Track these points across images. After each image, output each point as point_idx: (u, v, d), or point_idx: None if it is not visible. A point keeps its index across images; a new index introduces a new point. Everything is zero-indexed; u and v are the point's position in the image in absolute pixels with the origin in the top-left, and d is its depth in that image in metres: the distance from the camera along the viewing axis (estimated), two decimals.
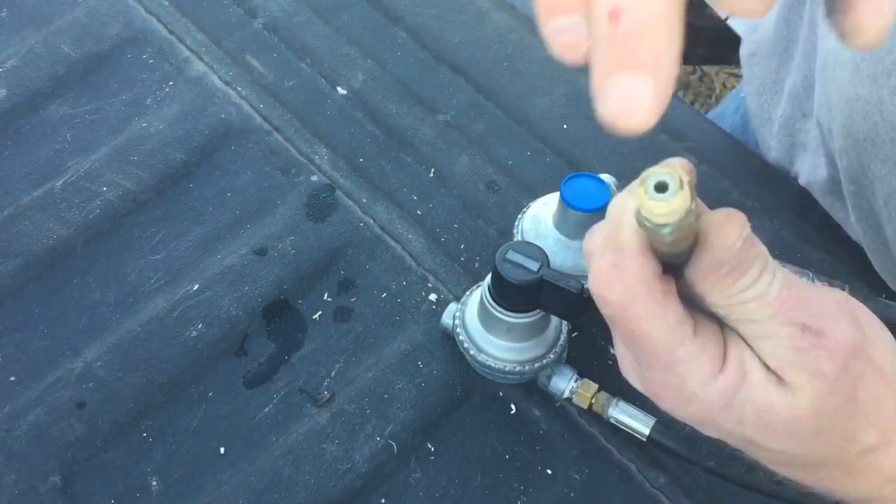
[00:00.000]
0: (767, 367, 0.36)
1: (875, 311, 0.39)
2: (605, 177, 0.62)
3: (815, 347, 0.35)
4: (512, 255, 0.54)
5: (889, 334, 0.38)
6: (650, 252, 0.35)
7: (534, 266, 0.53)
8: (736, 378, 0.36)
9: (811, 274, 0.54)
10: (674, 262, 0.36)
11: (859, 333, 0.36)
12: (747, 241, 0.34)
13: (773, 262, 0.35)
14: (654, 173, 0.32)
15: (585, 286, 0.50)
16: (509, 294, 0.55)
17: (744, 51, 0.78)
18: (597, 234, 0.37)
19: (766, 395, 0.36)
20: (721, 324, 0.37)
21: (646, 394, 0.40)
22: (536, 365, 0.58)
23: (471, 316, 0.59)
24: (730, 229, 0.34)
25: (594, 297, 0.36)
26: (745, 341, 0.37)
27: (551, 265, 0.54)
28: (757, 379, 0.36)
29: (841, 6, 0.32)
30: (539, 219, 0.63)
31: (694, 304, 0.37)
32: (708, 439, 0.40)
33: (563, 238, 0.61)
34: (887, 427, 0.38)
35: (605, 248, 0.36)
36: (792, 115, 0.71)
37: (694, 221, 0.34)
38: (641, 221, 0.33)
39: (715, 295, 0.35)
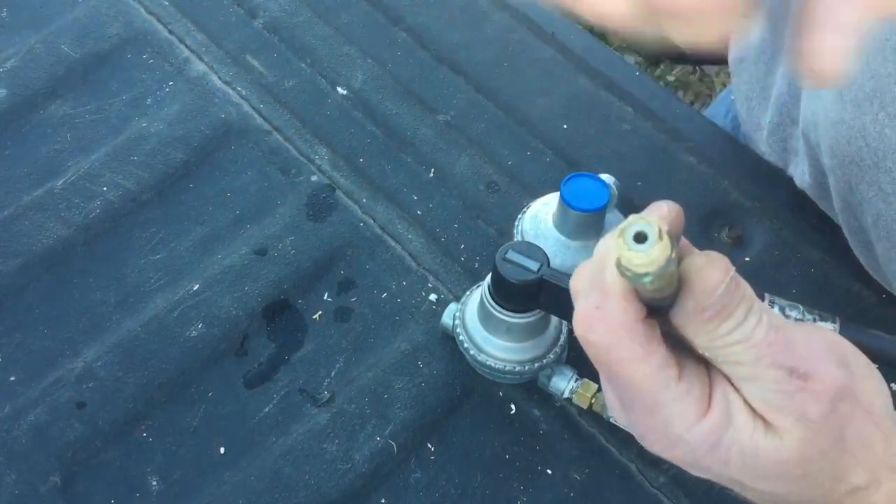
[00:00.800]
0: (753, 410, 0.36)
1: (867, 344, 0.39)
2: (605, 177, 0.62)
3: (801, 391, 0.35)
4: (512, 255, 0.53)
5: (877, 373, 0.38)
6: (634, 295, 0.35)
7: (534, 266, 0.53)
8: (721, 421, 0.36)
9: (802, 308, 0.53)
10: (658, 305, 0.36)
11: (847, 374, 0.36)
12: (731, 284, 0.34)
13: (759, 304, 0.35)
14: (633, 223, 0.32)
15: None
16: (509, 294, 0.55)
17: (732, 55, 0.78)
18: (583, 275, 0.37)
19: (752, 438, 0.36)
20: (707, 364, 0.37)
21: (631, 433, 0.40)
22: (536, 365, 0.58)
23: (471, 316, 0.59)
24: (712, 274, 0.34)
25: (578, 338, 0.36)
26: (732, 383, 0.37)
27: (551, 265, 0.54)
28: (743, 422, 0.36)
29: (797, 52, 0.33)
30: (539, 219, 0.62)
31: (680, 344, 0.37)
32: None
33: (562, 238, 0.61)
34: (875, 467, 0.37)
35: (589, 289, 0.36)
36: (781, 122, 0.71)
37: (675, 269, 0.34)
38: (622, 271, 0.33)
39: (700, 338, 0.35)
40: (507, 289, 0.54)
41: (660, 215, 0.36)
